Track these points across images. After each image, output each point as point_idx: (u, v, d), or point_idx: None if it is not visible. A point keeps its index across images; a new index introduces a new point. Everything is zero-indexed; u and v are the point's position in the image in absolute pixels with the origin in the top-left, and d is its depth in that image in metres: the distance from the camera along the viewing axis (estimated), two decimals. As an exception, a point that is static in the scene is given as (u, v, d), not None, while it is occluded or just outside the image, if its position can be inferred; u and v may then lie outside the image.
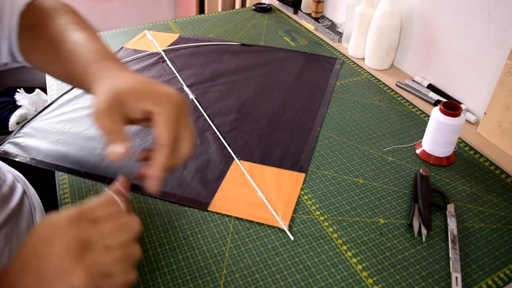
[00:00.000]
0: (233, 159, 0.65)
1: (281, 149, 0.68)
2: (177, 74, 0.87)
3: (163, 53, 0.95)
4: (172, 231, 0.54)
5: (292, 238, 0.54)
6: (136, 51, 0.96)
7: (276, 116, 0.76)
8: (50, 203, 0.65)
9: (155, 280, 0.48)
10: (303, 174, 0.63)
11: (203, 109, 0.77)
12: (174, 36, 1.03)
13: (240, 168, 0.64)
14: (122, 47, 0.98)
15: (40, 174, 0.74)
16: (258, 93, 0.82)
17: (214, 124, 0.73)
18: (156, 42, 1.00)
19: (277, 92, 0.83)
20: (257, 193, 0.60)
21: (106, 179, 0.61)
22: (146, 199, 0.59)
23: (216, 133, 0.71)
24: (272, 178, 0.62)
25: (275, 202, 0.58)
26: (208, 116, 0.75)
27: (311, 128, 0.73)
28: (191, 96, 0.80)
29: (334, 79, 0.88)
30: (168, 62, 0.91)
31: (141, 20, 2.39)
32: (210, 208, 0.57)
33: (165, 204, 0.58)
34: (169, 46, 0.98)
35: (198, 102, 0.78)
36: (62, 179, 0.62)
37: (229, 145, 0.68)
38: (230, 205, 0.58)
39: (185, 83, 0.84)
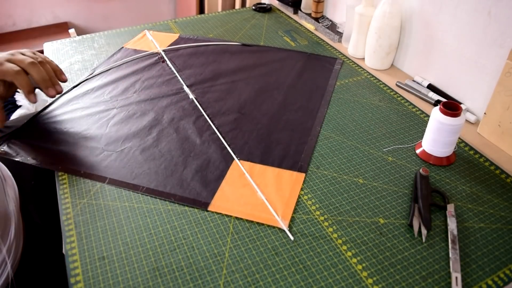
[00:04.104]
0: (233, 159, 0.65)
1: (281, 149, 0.68)
2: (177, 74, 0.87)
3: (163, 53, 0.95)
4: (172, 231, 0.54)
5: (292, 238, 0.54)
6: (136, 51, 0.96)
7: (276, 116, 0.76)
8: (50, 203, 0.64)
9: (155, 280, 0.48)
10: (303, 174, 0.63)
11: (203, 109, 0.77)
12: (174, 36, 1.04)
13: (240, 168, 0.64)
14: (122, 47, 0.98)
15: (40, 174, 0.74)
16: (258, 93, 0.82)
17: (214, 124, 0.73)
18: (156, 42, 1.00)
19: (277, 92, 0.83)
20: (257, 193, 0.60)
21: (106, 179, 0.61)
22: (146, 199, 0.59)
23: (216, 133, 0.71)
24: (272, 178, 0.62)
25: (275, 202, 0.58)
26: (208, 116, 0.75)
27: (311, 128, 0.73)
28: (191, 96, 0.80)
29: (334, 79, 0.88)
30: (168, 62, 0.91)
31: (141, 20, 2.40)
32: (210, 208, 0.57)
33: (165, 204, 0.58)
34: (169, 46, 0.98)
35: (198, 102, 0.78)
36: (62, 179, 0.62)
37: (229, 145, 0.68)
38: (230, 205, 0.58)
39: (185, 83, 0.84)
